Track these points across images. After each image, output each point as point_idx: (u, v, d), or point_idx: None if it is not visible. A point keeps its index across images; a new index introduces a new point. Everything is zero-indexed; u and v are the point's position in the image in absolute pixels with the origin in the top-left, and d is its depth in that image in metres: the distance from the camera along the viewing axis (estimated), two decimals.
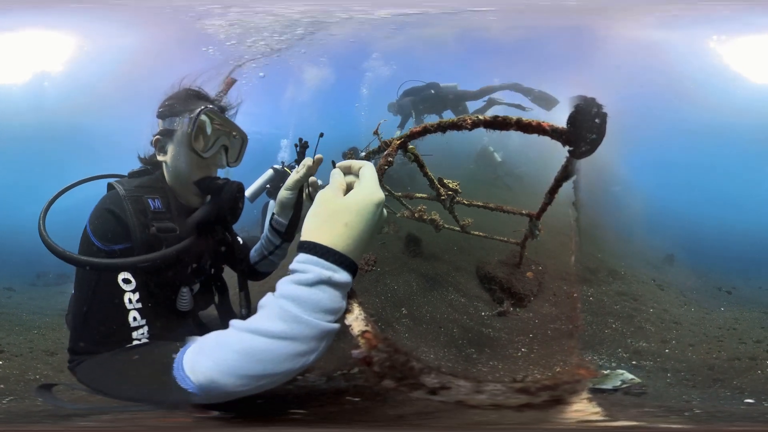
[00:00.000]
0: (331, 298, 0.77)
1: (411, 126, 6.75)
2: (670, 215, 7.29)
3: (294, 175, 1.43)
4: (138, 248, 1.32)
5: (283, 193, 1.46)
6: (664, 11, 5.47)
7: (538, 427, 0.75)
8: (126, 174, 1.67)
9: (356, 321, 0.70)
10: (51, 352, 2.37)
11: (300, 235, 0.96)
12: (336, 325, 0.77)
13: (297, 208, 1.47)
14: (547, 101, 5.90)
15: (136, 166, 1.68)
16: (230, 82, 1.67)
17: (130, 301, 1.22)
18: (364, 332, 0.65)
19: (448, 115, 6.20)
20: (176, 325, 1.51)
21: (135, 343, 1.17)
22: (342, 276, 0.78)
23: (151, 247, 1.34)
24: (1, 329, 2.91)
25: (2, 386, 1.85)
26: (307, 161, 1.40)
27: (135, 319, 1.21)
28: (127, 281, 1.24)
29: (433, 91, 6.28)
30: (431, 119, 6.52)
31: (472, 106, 6.43)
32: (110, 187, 1.46)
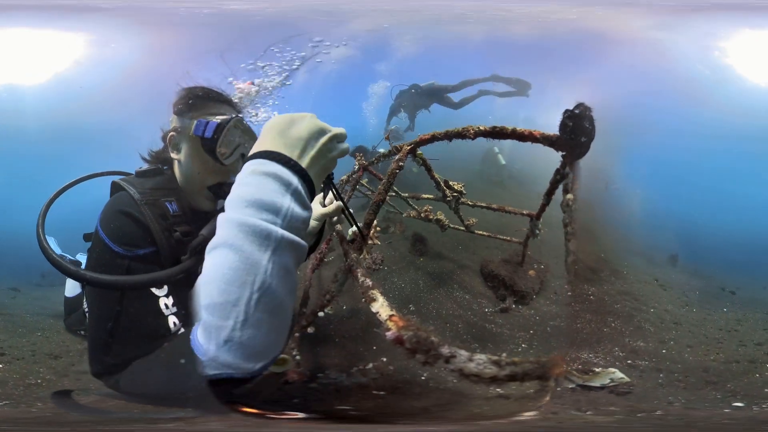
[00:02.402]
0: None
1: (395, 123, 7.28)
2: (675, 215, 7.24)
3: (321, 209, 1.41)
4: (164, 253, 1.27)
5: (311, 222, 1.40)
6: (670, 11, 5.49)
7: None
8: (125, 171, 1.61)
9: (382, 308, 0.77)
10: (54, 356, 2.28)
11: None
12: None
13: (318, 237, 1.45)
14: (523, 85, 7.02)
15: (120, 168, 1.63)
16: (250, 86, 1.73)
17: (167, 306, 1.18)
18: (390, 316, 0.72)
19: (436, 108, 7.22)
20: None
21: None
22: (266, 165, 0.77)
23: (175, 252, 1.29)
24: (4, 331, 2.83)
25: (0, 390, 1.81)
26: (336, 204, 1.42)
27: (174, 324, 1.17)
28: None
29: (413, 91, 7.03)
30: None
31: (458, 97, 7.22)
32: (117, 186, 1.38)
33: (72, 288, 2.81)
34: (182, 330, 1.17)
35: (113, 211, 1.24)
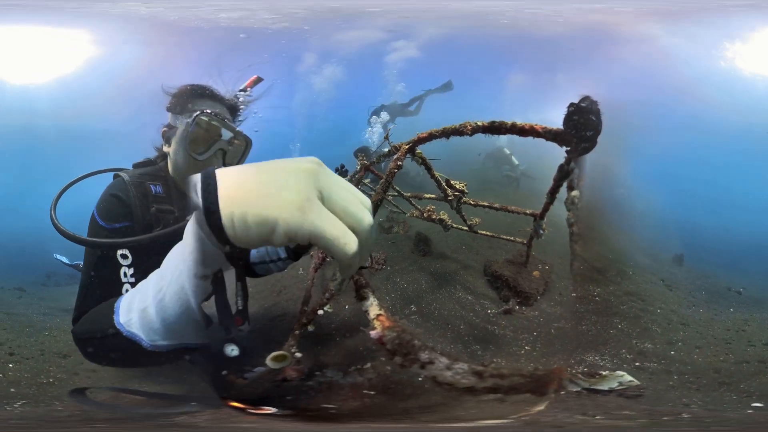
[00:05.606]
0: None
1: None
2: (680, 215, 7.20)
3: None
4: (139, 226, 1.48)
5: None
6: (676, 14, 5.45)
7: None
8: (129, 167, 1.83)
9: (372, 307, 0.79)
10: (63, 355, 2.33)
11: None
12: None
13: None
14: (446, 86, 9.58)
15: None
16: (255, 80, 1.83)
17: (125, 275, 1.36)
18: (378, 315, 0.74)
19: (401, 120, 9.13)
20: None
21: None
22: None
23: (151, 226, 1.50)
24: (12, 331, 2.88)
25: (14, 390, 1.84)
26: None
27: (127, 291, 1.28)
28: (124, 257, 1.38)
29: (383, 110, 9.00)
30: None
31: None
32: (116, 176, 1.64)
33: None
34: None
35: (105, 194, 1.52)
